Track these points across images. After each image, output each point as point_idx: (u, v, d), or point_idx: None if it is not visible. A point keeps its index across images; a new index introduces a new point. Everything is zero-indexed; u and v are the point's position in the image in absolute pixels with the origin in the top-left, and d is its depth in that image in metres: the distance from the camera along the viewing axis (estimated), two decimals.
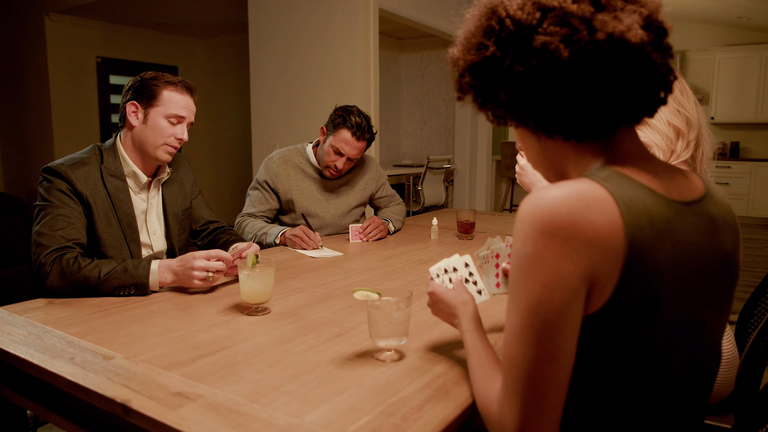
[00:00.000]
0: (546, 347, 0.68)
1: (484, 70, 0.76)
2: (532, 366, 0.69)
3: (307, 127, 4.02)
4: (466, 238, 2.26)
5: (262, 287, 1.28)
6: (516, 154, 5.49)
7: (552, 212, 0.67)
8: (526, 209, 0.69)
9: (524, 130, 0.82)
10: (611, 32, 0.68)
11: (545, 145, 0.81)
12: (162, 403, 0.85)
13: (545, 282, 0.67)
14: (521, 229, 0.69)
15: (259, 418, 0.80)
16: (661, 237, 0.69)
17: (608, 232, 0.66)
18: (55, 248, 1.39)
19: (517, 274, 0.70)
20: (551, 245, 0.66)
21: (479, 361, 0.86)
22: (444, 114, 6.40)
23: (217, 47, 6.92)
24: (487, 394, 0.78)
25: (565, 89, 0.70)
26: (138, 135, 1.58)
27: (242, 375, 0.95)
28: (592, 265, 0.66)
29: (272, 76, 4.16)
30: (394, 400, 0.87)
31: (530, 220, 0.68)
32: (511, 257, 0.72)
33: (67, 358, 1.02)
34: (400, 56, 6.58)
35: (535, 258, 0.67)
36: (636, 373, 0.72)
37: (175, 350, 1.06)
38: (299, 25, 3.99)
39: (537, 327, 0.68)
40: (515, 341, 0.70)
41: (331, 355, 1.05)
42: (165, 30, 6.41)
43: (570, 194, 0.68)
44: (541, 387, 0.69)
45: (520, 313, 0.69)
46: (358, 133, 2.14)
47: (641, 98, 0.72)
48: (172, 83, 1.58)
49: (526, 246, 0.68)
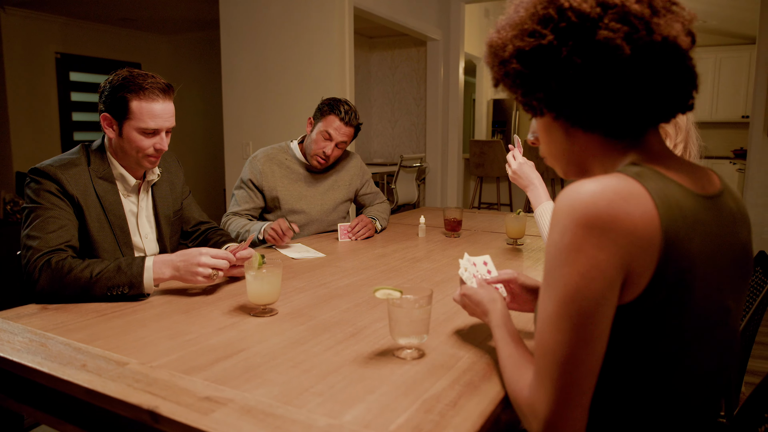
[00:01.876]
0: (581, 334, 0.70)
1: (536, 58, 0.76)
2: (566, 352, 0.71)
3: (282, 126, 3.97)
4: (453, 236, 2.28)
5: (270, 288, 1.26)
6: (484, 152, 5.51)
7: (591, 204, 0.69)
8: (565, 201, 0.71)
9: (553, 123, 0.83)
10: (666, 35, 0.71)
11: (574, 140, 0.83)
12: (192, 409, 0.83)
13: (583, 272, 0.69)
14: (559, 220, 0.71)
15: (297, 420, 0.79)
16: (691, 229, 0.72)
17: (645, 224, 0.69)
18: (46, 251, 1.34)
19: (554, 263, 0.72)
20: (589, 236, 0.69)
21: (509, 351, 0.88)
22: (415, 113, 6.43)
23: (181, 44, 6.76)
24: (518, 380, 0.81)
25: (620, 85, 0.72)
26: (117, 145, 1.52)
27: (267, 377, 0.94)
28: (629, 256, 0.69)
29: (245, 75, 4.09)
30: (426, 397, 0.87)
31: (569, 211, 0.70)
32: (547, 248, 0.74)
33: (79, 366, 0.98)
34: (371, 55, 6.58)
35: (573, 248, 0.69)
36: (666, 360, 0.75)
37: (190, 354, 1.04)
38: (273, 22, 3.94)
39: (573, 315, 0.70)
40: (550, 328, 0.72)
41: (351, 354, 1.04)
42: (127, 26, 6.23)
43: (607, 188, 0.70)
44: (573, 372, 0.71)
45: (556, 301, 0.71)
46: (347, 118, 2.17)
47: (680, 97, 0.76)
48: (141, 90, 1.43)
49: (564, 237, 0.70)
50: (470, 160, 6.63)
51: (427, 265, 1.78)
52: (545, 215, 1.59)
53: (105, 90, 1.47)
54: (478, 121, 8.64)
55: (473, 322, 1.23)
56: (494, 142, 6.47)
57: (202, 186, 6.72)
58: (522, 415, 0.79)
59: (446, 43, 5.40)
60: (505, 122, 8.52)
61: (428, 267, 1.76)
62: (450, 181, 5.68)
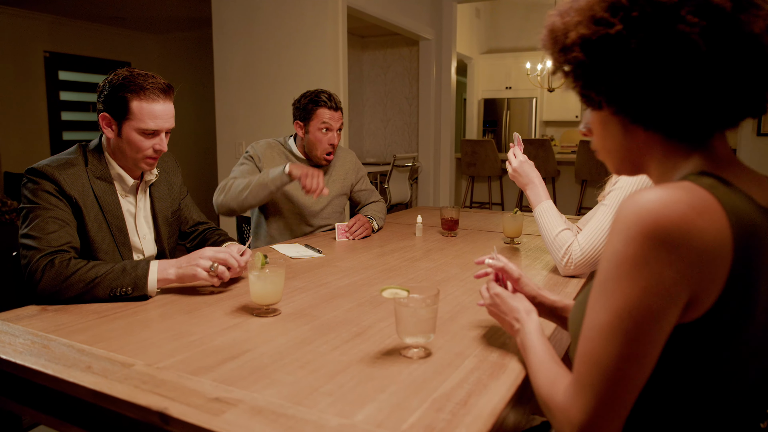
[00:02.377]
0: (633, 350, 0.66)
1: (601, 48, 0.70)
2: (613, 365, 0.67)
3: (275, 126, 3.96)
4: (450, 235, 2.28)
5: (273, 288, 1.26)
6: (476, 152, 5.54)
7: (662, 217, 0.64)
8: (632, 210, 0.66)
9: (611, 118, 0.78)
10: (749, 32, 0.66)
11: (632, 137, 0.78)
12: (202, 410, 0.82)
13: (645, 287, 0.65)
14: (623, 230, 0.66)
15: (310, 421, 0.79)
16: (760, 245, 0.68)
17: (718, 242, 0.65)
18: (48, 252, 1.32)
19: (613, 273, 0.67)
20: (657, 251, 0.64)
21: (543, 356, 0.86)
22: (407, 112, 6.44)
23: (171, 43, 6.72)
24: (551, 384, 0.79)
25: (692, 84, 0.68)
26: (116, 145, 1.50)
27: (275, 377, 0.94)
28: (698, 275, 0.65)
29: (238, 74, 4.08)
30: (436, 396, 0.87)
31: (636, 222, 0.65)
32: (607, 253, 0.69)
33: (83, 367, 0.97)
34: (363, 54, 6.58)
35: (638, 262, 0.65)
36: (721, 376, 0.71)
37: (195, 355, 1.03)
38: (266, 21, 3.92)
39: (628, 330, 0.66)
40: (600, 338, 0.68)
41: (358, 354, 1.04)
42: (117, 24, 6.17)
43: (680, 200, 0.65)
44: (618, 386, 0.67)
45: (611, 313, 0.67)
46: (331, 103, 2.22)
47: (755, 100, 0.71)
48: (141, 91, 1.42)
49: (628, 248, 0.66)
50: (462, 159, 6.64)
51: (426, 265, 1.78)
52: (545, 214, 1.60)
53: (104, 89, 1.45)
54: (469, 120, 8.67)
55: (476, 321, 1.23)
56: (486, 142, 6.50)
57: (193, 186, 6.67)
58: (553, 419, 0.77)
59: (438, 42, 5.41)
60: (496, 122, 8.56)
61: (428, 266, 1.76)
62: (442, 180, 5.69)
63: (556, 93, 7.57)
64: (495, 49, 8.62)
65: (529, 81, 7.48)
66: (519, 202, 6.66)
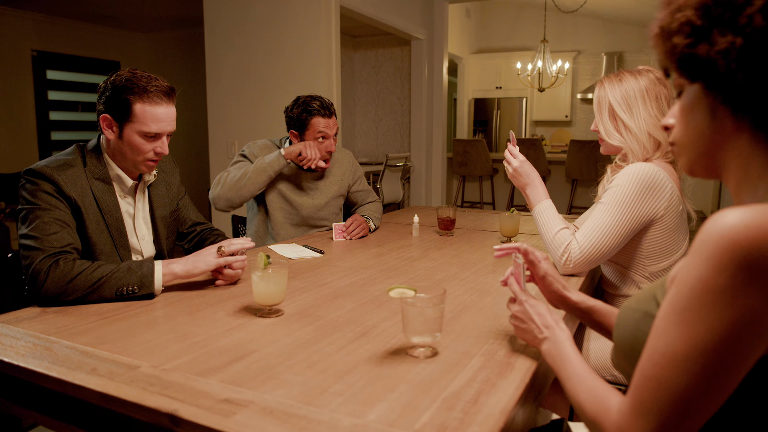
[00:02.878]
0: (711, 384, 0.62)
1: (714, 11, 0.64)
2: (686, 396, 0.63)
3: (268, 125, 3.94)
4: (447, 234, 2.29)
5: (276, 289, 1.26)
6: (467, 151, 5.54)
7: (760, 244, 0.57)
8: (723, 232, 0.59)
9: (701, 100, 0.71)
10: None
11: (719, 126, 0.70)
12: (212, 411, 0.82)
13: (734, 321, 0.59)
14: (712, 254, 0.60)
15: (322, 421, 0.79)
16: None
17: None
18: (50, 254, 1.31)
19: (695, 302, 0.62)
20: (751, 282, 0.58)
21: (582, 370, 0.84)
22: (399, 112, 6.44)
23: (161, 42, 6.67)
24: (600, 402, 0.76)
25: None
26: (116, 147, 1.49)
27: (283, 378, 0.93)
28: None
29: (230, 73, 4.05)
30: (446, 395, 0.88)
31: (729, 247, 0.58)
32: (687, 278, 0.63)
33: (89, 370, 0.96)
34: (354, 54, 6.57)
35: (729, 293, 0.59)
36: None
37: (202, 356, 1.02)
38: (258, 21, 3.90)
39: (708, 364, 0.61)
40: (673, 367, 0.64)
41: (365, 354, 1.04)
42: (106, 23, 6.11)
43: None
44: (686, 417, 0.64)
45: (689, 344, 0.62)
46: (325, 111, 2.21)
47: None
48: (144, 93, 1.41)
49: (718, 276, 0.59)
50: (453, 159, 6.66)
51: (425, 264, 1.78)
52: (544, 213, 1.61)
53: (106, 90, 1.44)
54: (460, 120, 8.70)
55: (480, 320, 1.24)
56: (477, 141, 6.52)
57: (185, 186, 6.63)
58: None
59: (430, 42, 5.42)
60: (487, 122, 8.59)
61: (427, 266, 1.76)
62: (434, 179, 5.70)
63: (546, 93, 7.62)
64: (485, 49, 8.66)
65: (519, 81, 7.52)
66: (510, 202, 6.69)
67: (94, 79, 6.35)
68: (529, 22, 8.27)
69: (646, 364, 0.67)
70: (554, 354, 0.92)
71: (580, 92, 8.17)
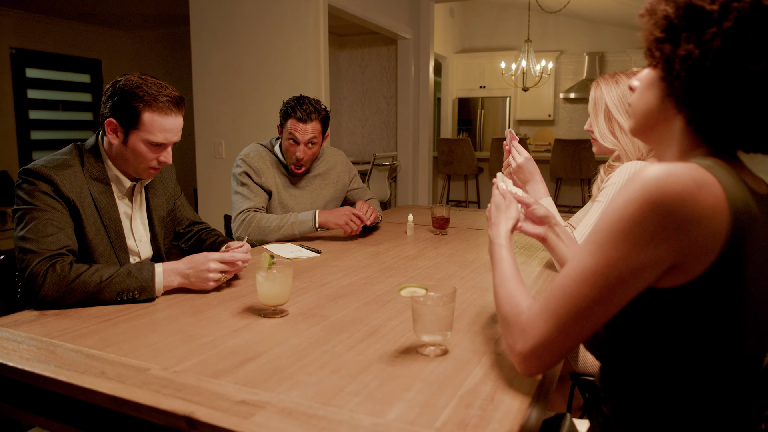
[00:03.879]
0: (607, 296, 0.74)
1: (689, 16, 0.75)
2: (584, 304, 0.75)
3: (256, 125, 3.92)
4: (441, 233, 2.30)
5: (282, 289, 1.25)
6: (453, 150, 5.53)
7: (665, 183, 0.69)
8: (641, 176, 0.72)
9: (658, 83, 0.82)
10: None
11: (665, 108, 0.82)
12: (230, 413, 0.81)
13: (636, 244, 0.71)
14: (629, 191, 0.72)
15: (342, 421, 0.79)
16: (752, 224, 0.73)
17: (714, 214, 0.70)
18: (48, 256, 1.28)
19: (609, 227, 0.74)
20: (653, 214, 0.70)
21: (509, 272, 0.96)
22: (385, 111, 6.44)
23: (143, 40, 6.58)
24: (516, 303, 0.88)
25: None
26: (119, 152, 1.46)
27: (297, 378, 0.93)
28: (688, 243, 0.70)
29: (217, 72, 4.01)
30: (462, 393, 0.88)
31: (642, 186, 0.71)
32: (607, 209, 0.75)
33: (97, 373, 0.95)
34: (340, 53, 6.55)
35: (635, 221, 0.71)
36: (719, 351, 0.75)
37: (211, 358, 1.02)
38: (245, 20, 3.87)
39: (609, 277, 0.73)
40: (580, 278, 0.76)
41: (375, 353, 1.04)
42: (87, 21, 6.01)
43: (684, 173, 0.70)
44: (581, 322, 0.77)
45: (597, 261, 0.74)
46: (303, 115, 2.11)
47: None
48: (155, 103, 1.38)
49: (628, 206, 0.72)
50: (439, 158, 6.68)
51: (423, 263, 1.79)
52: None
53: (114, 95, 1.39)
54: (444, 119, 8.73)
55: (486, 318, 1.25)
56: (462, 141, 6.55)
57: None
58: (509, 334, 0.87)
59: (416, 41, 5.43)
60: (470, 121, 8.64)
61: (425, 264, 1.77)
62: (421, 178, 5.72)
63: (530, 92, 7.69)
64: (469, 49, 8.70)
65: (503, 80, 7.57)
66: None
67: (75, 77, 6.24)
68: (511, 22, 8.33)
69: (560, 278, 0.80)
70: (492, 252, 1.04)
71: (563, 92, 8.26)
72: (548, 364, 0.82)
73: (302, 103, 2.14)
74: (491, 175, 6.68)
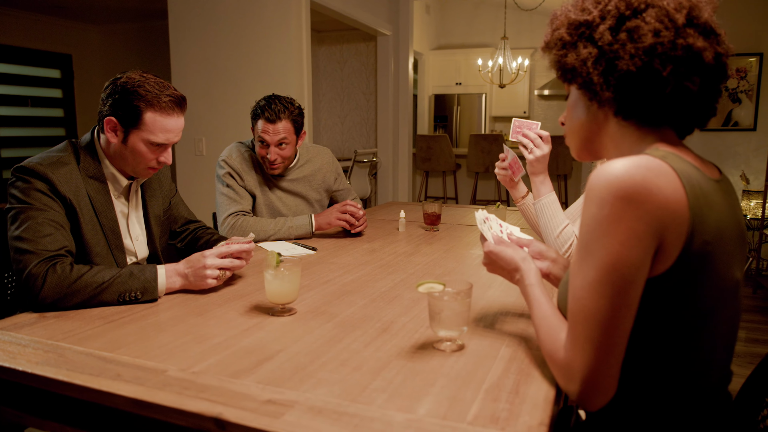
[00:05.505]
0: (622, 299, 0.76)
1: (578, 29, 0.88)
2: (607, 316, 0.77)
3: (238, 122, 3.86)
4: (433, 230, 2.31)
5: (291, 287, 1.24)
6: (431, 147, 5.56)
7: (627, 178, 0.75)
8: (601, 178, 0.77)
9: (578, 95, 0.93)
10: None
11: (593, 116, 0.92)
12: (259, 413, 0.80)
13: (623, 240, 0.75)
14: (596, 195, 0.77)
15: (375, 418, 0.79)
16: (709, 207, 0.80)
17: (675, 200, 0.76)
18: (46, 257, 1.25)
19: (593, 235, 0.78)
20: (627, 208, 0.75)
21: (544, 312, 0.93)
22: (365, 108, 6.42)
23: (115, 35, 6.42)
24: (553, 341, 0.87)
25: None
26: (117, 151, 1.42)
27: (319, 377, 0.92)
28: (663, 228, 0.76)
29: (196, 67, 3.94)
30: (487, 386, 0.89)
31: (606, 186, 0.76)
32: (584, 220, 0.79)
33: (113, 375, 0.92)
34: (319, 49, 6.50)
35: (613, 219, 0.75)
36: (690, 330, 0.82)
37: (227, 358, 1.00)
38: (226, 15, 3.81)
39: (615, 281, 0.76)
40: (590, 294, 0.78)
41: (393, 349, 1.04)
42: (57, 14, 5.83)
43: (640, 165, 0.76)
44: (613, 334, 0.77)
45: (597, 269, 0.77)
46: (271, 115, 2.02)
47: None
48: (157, 103, 1.35)
49: (602, 209, 0.76)
50: (417, 154, 6.70)
51: (421, 259, 1.79)
52: (551, 206, 1.59)
53: (114, 93, 1.35)
54: (420, 116, 8.75)
55: (495, 311, 1.26)
56: (440, 137, 6.58)
57: None
58: (558, 375, 0.85)
59: (396, 38, 5.43)
60: (447, 117, 8.68)
61: (423, 261, 1.77)
62: (401, 175, 5.73)
63: (505, 89, 7.77)
64: (445, 46, 8.73)
65: (479, 77, 7.63)
66: (473, 197, 6.80)
67: (44, 72, 6.06)
68: (486, 19, 8.39)
69: (571, 303, 0.82)
70: (525, 295, 1.01)
71: (537, 89, 8.36)
72: (610, 387, 0.80)
73: (271, 102, 2.05)
74: (468, 172, 6.74)
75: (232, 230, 2.03)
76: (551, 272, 1.16)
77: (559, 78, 0.94)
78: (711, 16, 0.84)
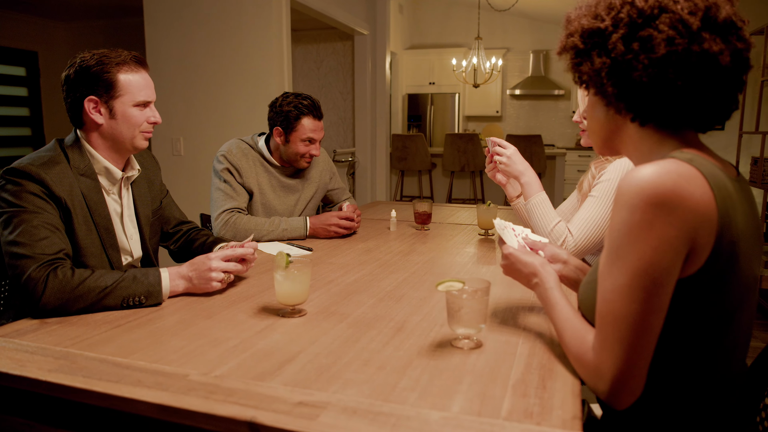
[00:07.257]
0: (653, 303, 0.78)
1: (591, 38, 0.89)
2: (639, 319, 0.79)
3: (216, 120, 3.80)
4: (424, 228, 2.32)
5: (302, 288, 1.23)
6: (407, 146, 5.60)
7: (659, 184, 0.77)
8: (633, 183, 0.79)
9: (595, 98, 0.95)
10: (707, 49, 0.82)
11: (612, 120, 0.94)
12: (293, 415, 0.79)
13: (655, 246, 0.77)
14: (627, 200, 0.79)
15: (411, 416, 0.79)
16: (734, 207, 0.82)
17: (705, 203, 0.78)
18: (45, 261, 1.20)
19: (625, 240, 0.79)
20: (659, 213, 0.76)
21: (566, 315, 0.95)
22: (342, 107, 6.40)
23: (82, 32, 6.24)
24: (580, 344, 0.89)
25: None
26: (109, 131, 1.40)
27: (346, 377, 0.92)
28: (694, 232, 0.78)
29: (173, 67, 3.86)
30: (513, 382, 0.90)
31: (638, 192, 0.78)
32: (614, 225, 0.81)
33: (134, 381, 0.90)
34: (295, 48, 6.44)
35: (645, 225, 0.77)
36: (714, 329, 0.85)
37: (248, 360, 0.99)
38: (204, 12, 3.74)
39: (647, 285, 0.78)
40: (621, 298, 0.80)
41: (412, 348, 1.04)
42: (22, 10, 5.63)
43: (670, 171, 0.78)
44: (644, 337, 0.79)
45: (628, 274, 0.79)
46: (317, 112, 2.13)
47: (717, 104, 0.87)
48: (123, 63, 1.39)
49: (633, 215, 0.78)
50: (393, 153, 6.71)
51: (419, 258, 1.80)
52: (541, 206, 1.65)
53: (76, 74, 1.37)
54: (394, 115, 8.76)
55: (505, 307, 1.27)
56: (416, 136, 6.61)
57: None
58: (586, 376, 0.87)
59: (373, 37, 5.43)
60: (420, 116, 8.72)
61: (422, 259, 1.78)
62: (379, 174, 5.73)
63: (479, 89, 7.85)
64: (418, 45, 8.77)
65: (453, 76, 7.69)
66: (449, 196, 6.85)
67: (9, 70, 5.85)
68: (459, 19, 8.46)
69: (600, 305, 0.83)
70: (544, 300, 1.03)
71: (510, 89, 8.47)
72: (638, 387, 0.82)
73: (313, 100, 2.12)
74: (444, 171, 6.79)
75: (226, 227, 2.00)
76: (562, 273, 1.19)
77: (575, 83, 0.96)
78: (731, 12, 0.83)
